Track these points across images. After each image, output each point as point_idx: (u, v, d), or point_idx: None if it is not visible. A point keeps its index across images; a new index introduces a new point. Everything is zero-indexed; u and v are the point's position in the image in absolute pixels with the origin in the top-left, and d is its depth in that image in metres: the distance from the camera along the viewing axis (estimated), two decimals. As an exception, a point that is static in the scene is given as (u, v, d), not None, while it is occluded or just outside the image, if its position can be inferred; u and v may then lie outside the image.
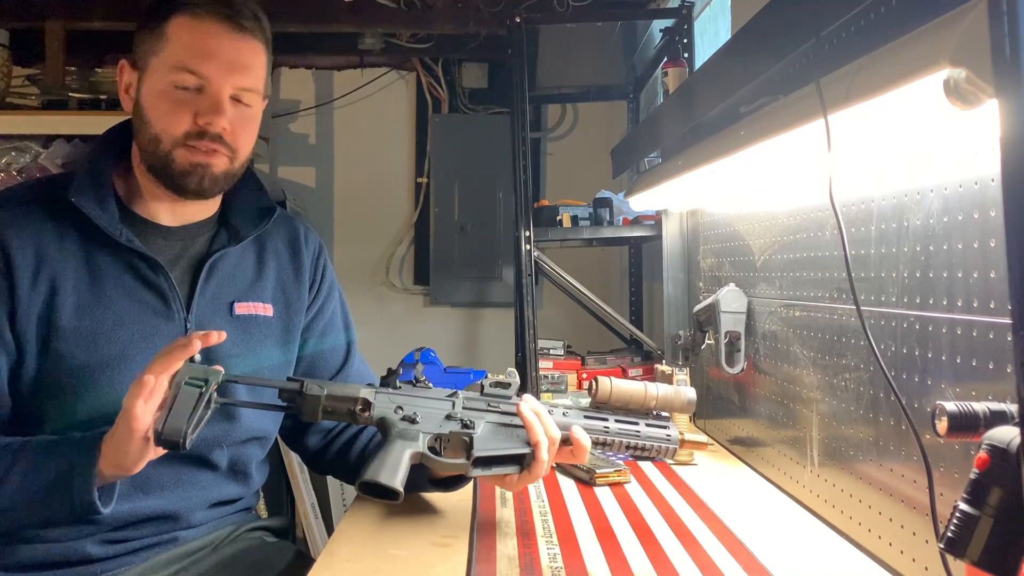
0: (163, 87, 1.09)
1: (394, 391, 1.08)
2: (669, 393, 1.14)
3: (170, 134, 1.09)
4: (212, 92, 1.09)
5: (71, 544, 1.08)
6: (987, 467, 0.58)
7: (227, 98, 1.10)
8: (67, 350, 1.06)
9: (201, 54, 1.08)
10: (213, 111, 1.09)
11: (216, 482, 1.19)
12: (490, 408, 1.10)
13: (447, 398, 1.10)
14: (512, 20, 2.31)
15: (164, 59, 1.09)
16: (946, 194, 0.88)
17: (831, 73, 0.88)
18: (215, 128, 1.09)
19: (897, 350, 0.97)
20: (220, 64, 1.09)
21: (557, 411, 1.11)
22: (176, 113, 1.09)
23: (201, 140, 1.10)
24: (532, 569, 0.99)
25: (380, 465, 0.99)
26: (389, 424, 1.05)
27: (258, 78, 1.14)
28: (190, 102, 1.09)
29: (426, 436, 1.05)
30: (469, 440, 1.06)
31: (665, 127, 1.80)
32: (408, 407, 1.07)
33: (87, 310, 1.08)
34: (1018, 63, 0.49)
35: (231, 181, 1.17)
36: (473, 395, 1.11)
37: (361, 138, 3.37)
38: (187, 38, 1.08)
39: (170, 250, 1.18)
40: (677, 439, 1.13)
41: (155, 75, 1.10)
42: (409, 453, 1.02)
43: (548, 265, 2.31)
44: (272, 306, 1.24)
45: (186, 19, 1.09)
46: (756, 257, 1.51)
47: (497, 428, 1.08)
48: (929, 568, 0.91)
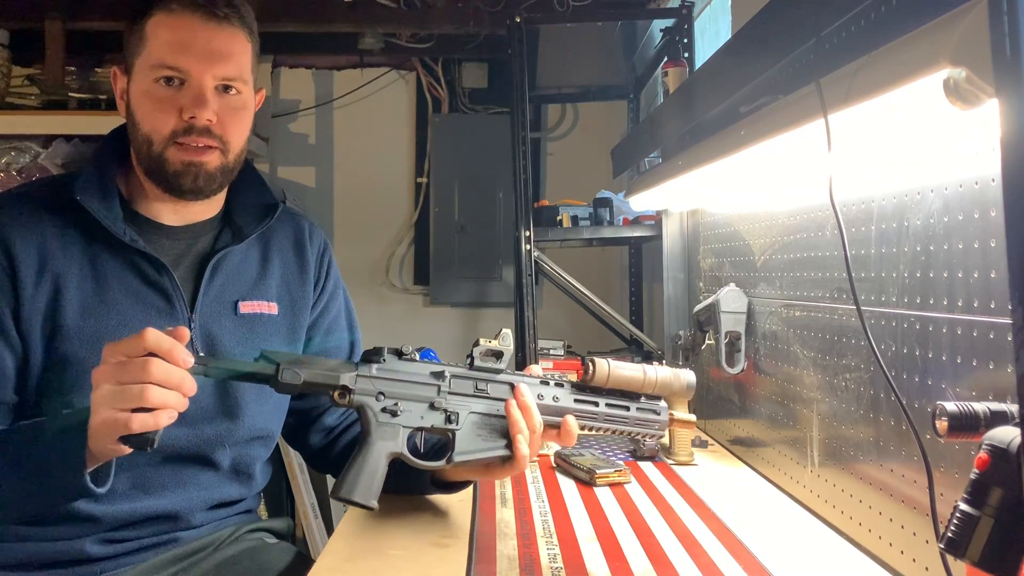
0: (146, 87, 1.09)
1: (377, 371, 1.03)
2: (668, 377, 1.09)
3: (159, 133, 1.09)
4: (193, 85, 1.08)
5: (70, 543, 1.08)
6: (987, 467, 0.58)
7: (210, 89, 1.09)
8: (71, 350, 1.06)
9: (177, 48, 1.08)
10: (196, 104, 1.08)
11: (218, 482, 1.18)
12: (477, 393, 1.06)
13: (433, 380, 1.05)
14: (512, 20, 2.31)
15: (145, 59, 1.09)
16: (946, 194, 0.88)
17: (831, 73, 0.88)
18: (200, 121, 1.08)
19: (897, 350, 0.97)
20: (197, 55, 1.08)
21: (548, 395, 1.08)
22: (161, 111, 1.08)
23: (190, 136, 1.09)
24: (532, 569, 0.99)
25: (356, 479, 0.99)
26: (368, 416, 1.02)
27: (240, 65, 1.12)
28: (173, 98, 1.08)
29: (406, 431, 1.03)
30: (451, 436, 1.05)
31: (665, 127, 1.80)
32: (390, 393, 1.03)
33: (91, 310, 1.08)
34: (1018, 63, 0.49)
35: (228, 176, 1.17)
36: (461, 372, 1.07)
37: (361, 138, 3.37)
38: (164, 34, 1.08)
39: (174, 250, 1.17)
40: (666, 420, 1.11)
41: (139, 76, 1.10)
42: (387, 456, 1.02)
43: (548, 265, 2.31)
44: (277, 304, 1.24)
45: (162, 16, 1.09)
46: (756, 257, 1.51)
47: (482, 421, 1.06)
48: (929, 568, 0.91)
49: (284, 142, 3.33)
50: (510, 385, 1.07)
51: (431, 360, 1.08)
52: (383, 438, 1.02)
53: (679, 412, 1.14)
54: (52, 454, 0.94)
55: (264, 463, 1.27)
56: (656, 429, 1.11)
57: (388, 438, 1.02)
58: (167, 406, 0.88)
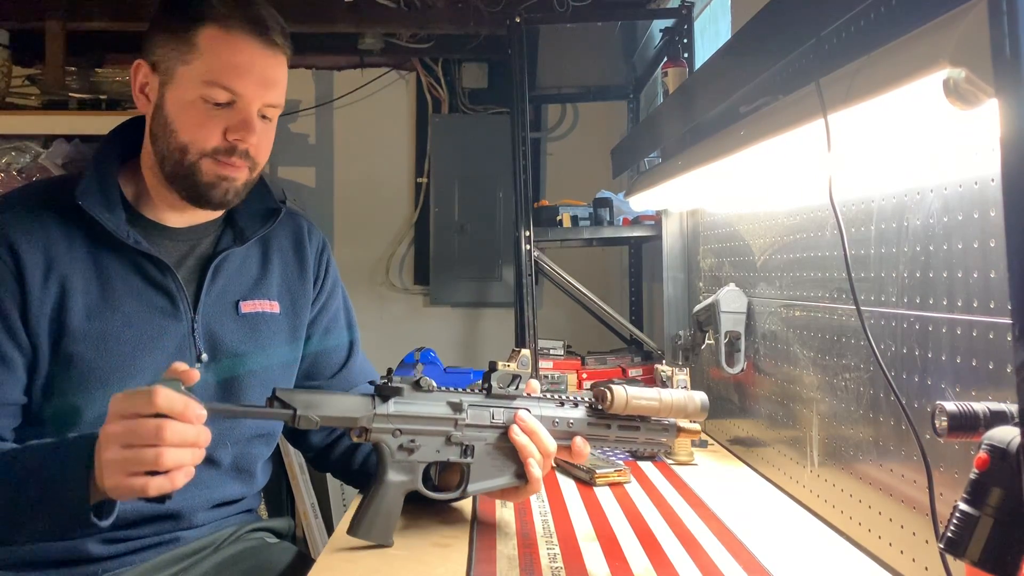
0: (192, 98, 1.08)
1: (395, 407, 1.02)
2: (683, 400, 1.10)
3: (198, 146, 1.09)
4: (243, 108, 1.09)
5: (72, 543, 1.08)
6: (987, 467, 0.58)
7: (255, 115, 1.10)
8: (77, 351, 1.06)
9: (235, 71, 1.08)
10: (244, 128, 1.09)
11: (220, 481, 1.18)
12: (493, 424, 1.07)
13: (451, 413, 1.05)
14: (512, 20, 2.31)
15: (195, 70, 1.08)
16: (946, 194, 0.88)
17: (831, 73, 0.88)
18: (244, 145, 1.10)
19: (897, 350, 0.97)
20: (253, 81, 1.09)
21: (563, 421, 1.10)
22: (206, 127, 1.09)
23: (230, 156, 1.10)
24: (532, 569, 0.99)
25: (373, 520, 1.01)
26: (385, 453, 1.02)
27: (283, 93, 1.14)
28: (221, 117, 1.09)
29: (422, 466, 1.04)
30: (466, 469, 1.06)
31: (665, 127, 1.80)
32: (407, 430, 1.03)
33: (96, 312, 1.08)
34: (1018, 63, 0.49)
35: (248, 190, 1.18)
36: (479, 401, 1.07)
37: (361, 138, 3.37)
38: (221, 52, 1.08)
39: (177, 251, 1.18)
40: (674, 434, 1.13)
41: (184, 85, 1.08)
42: (403, 492, 1.03)
43: (548, 265, 2.31)
44: (278, 303, 1.24)
45: (218, 31, 1.08)
46: (756, 257, 1.51)
47: (496, 449, 1.07)
48: (929, 568, 0.91)
49: (284, 142, 3.33)
50: (527, 410, 1.09)
51: (448, 388, 1.07)
52: (399, 475, 1.03)
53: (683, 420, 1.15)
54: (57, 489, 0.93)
55: (265, 461, 1.28)
56: (664, 443, 1.14)
57: (404, 474, 1.03)
58: (183, 466, 0.87)
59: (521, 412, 1.07)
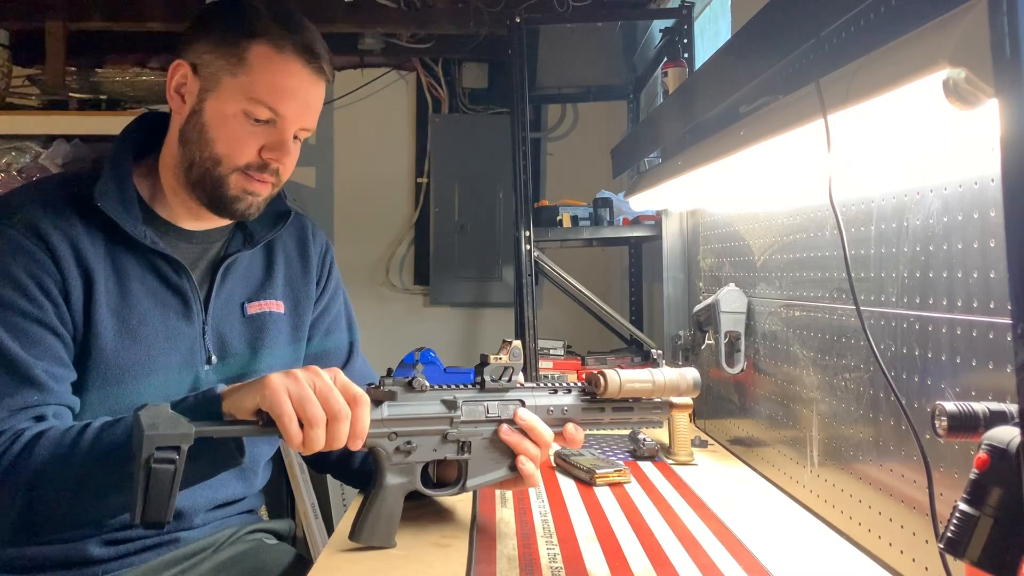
0: (234, 111, 1.08)
1: (388, 411, 1.02)
2: (675, 378, 1.13)
3: (232, 159, 1.10)
4: (282, 129, 1.10)
5: (73, 544, 1.08)
6: (987, 467, 0.58)
7: (291, 137, 1.12)
8: (97, 346, 1.07)
9: (282, 92, 1.09)
10: (280, 149, 1.10)
11: (221, 480, 1.18)
12: (488, 418, 1.07)
13: (446, 411, 1.05)
14: (512, 20, 2.31)
15: (242, 85, 1.08)
16: (946, 194, 0.88)
17: (831, 73, 0.88)
18: (277, 164, 1.12)
19: (897, 350, 0.97)
20: (297, 105, 1.10)
21: (557, 409, 1.10)
22: (244, 142, 1.09)
23: (261, 173, 1.11)
24: (532, 569, 0.99)
25: (375, 525, 1.02)
26: (381, 457, 1.02)
27: (318, 117, 1.16)
28: (259, 134, 1.10)
29: (419, 466, 1.05)
30: (463, 465, 1.07)
31: (665, 127, 1.80)
32: (403, 432, 1.03)
33: (115, 308, 1.09)
34: (1018, 63, 0.49)
35: (267, 204, 1.19)
36: (472, 396, 1.07)
37: (361, 138, 3.37)
38: (270, 71, 1.08)
39: (191, 253, 1.18)
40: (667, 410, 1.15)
41: (228, 97, 1.08)
42: (403, 494, 1.04)
43: (548, 265, 2.31)
44: (283, 303, 1.25)
45: (270, 50, 1.08)
46: (756, 257, 1.51)
47: (492, 443, 1.07)
48: (929, 568, 0.91)
49: (284, 142, 3.33)
50: (521, 401, 1.09)
51: (441, 386, 1.07)
52: (397, 477, 1.03)
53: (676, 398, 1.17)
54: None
55: (266, 462, 1.28)
56: (657, 420, 1.15)
57: (402, 476, 1.04)
58: (322, 422, 0.92)
59: (521, 411, 1.08)
